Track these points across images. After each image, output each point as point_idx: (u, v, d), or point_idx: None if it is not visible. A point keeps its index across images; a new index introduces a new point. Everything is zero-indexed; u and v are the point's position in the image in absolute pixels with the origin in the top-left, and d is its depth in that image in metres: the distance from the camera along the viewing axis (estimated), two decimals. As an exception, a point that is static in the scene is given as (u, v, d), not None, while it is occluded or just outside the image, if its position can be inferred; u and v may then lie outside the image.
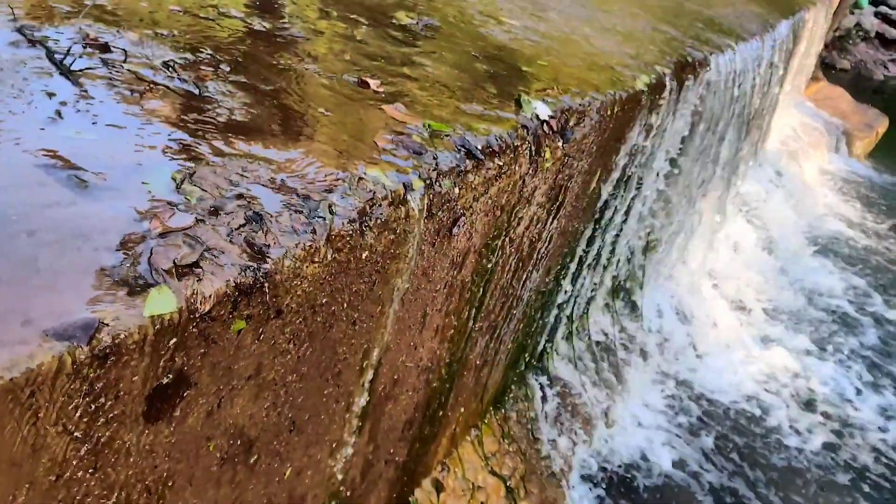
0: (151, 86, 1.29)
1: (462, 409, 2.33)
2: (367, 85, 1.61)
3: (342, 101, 1.50)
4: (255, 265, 0.96)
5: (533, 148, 1.72)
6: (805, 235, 5.43)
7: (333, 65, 1.67)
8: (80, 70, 1.24)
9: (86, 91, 1.18)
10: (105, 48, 1.36)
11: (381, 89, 1.61)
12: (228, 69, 1.46)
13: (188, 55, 1.45)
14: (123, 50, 1.37)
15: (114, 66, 1.31)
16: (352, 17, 2.03)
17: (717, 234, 4.23)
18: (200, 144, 1.16)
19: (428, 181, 1.34)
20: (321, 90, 1.52)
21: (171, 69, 1.36)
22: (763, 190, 5.18)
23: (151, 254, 0.88)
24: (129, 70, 1.32)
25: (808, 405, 3.92)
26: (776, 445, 3.61)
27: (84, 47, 1.31)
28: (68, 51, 1.27)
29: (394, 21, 2.10)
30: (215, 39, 1.58)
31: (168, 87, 1.31)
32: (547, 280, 2.45)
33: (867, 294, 5.17)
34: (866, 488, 3.46)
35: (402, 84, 1.69)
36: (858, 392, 4.15)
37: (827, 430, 3.78)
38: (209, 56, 1.48)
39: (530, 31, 2.45)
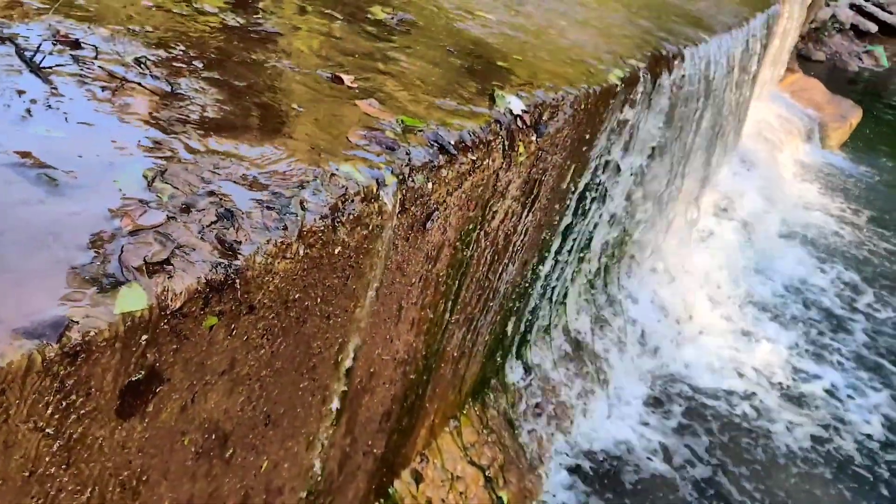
0: (123, 83, 1.29)
1: (440, 401, 2.35)
2: (340, 80, 1.62)
3: (316, 96, 1.51)
4: (226, 262, 0.97)
5: (506, 143, 1.74)
6: (778, 226, 5.51)
7: (308, 60, 1.67)
8: (51, 67, 1.24)
9: (56, 89, 1.18)
10: (76, 45, 1.36)
11: (354, 85, 1.62)
12: (202, 65, 1.46)
13: (161, 52, 1.45)
14: (95, 47, 1.37)
15: (85, 63, 1.30)
16: (327, 12, 2.04)
17: (692, 226, 4.29)
18: (172, 142, 1.16)
19: (401, 176, 1.36)
20: (295, 86, 1.52)
21: (143, 66, 1.37)
22: (737, 180, 5.24)
23: (122, 252, 0.89)
24: (100, 67, 1.32)
25: (782, 392, 4.00)
26: (751, 434, 3.67)
27: (54, 44, 1.31)
28: (38, 48, 1.27)
29: (369, 16, 2.11)
30: (189, 35, 1.58)
31: (140, 85, 1.31)
32: (524, 272, 2.48)
33: (840, 283, 5.27)
34: (836, 472, 3.54)
35: (377, 79, 1.70)
36: (834, 382, 4.23)
37: (799, 415, 3.86)
38: (182, 52, 1.49)
39: (506, 26, 2.47)
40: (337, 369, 1.46)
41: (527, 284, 2.60)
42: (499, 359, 2.83)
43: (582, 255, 3.05)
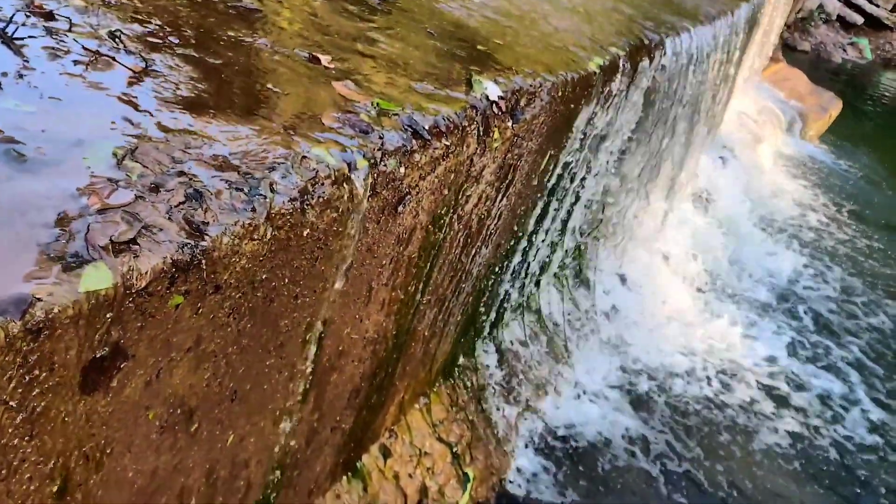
0: (96, 57, 1.29)
1: (410, 379, 2.39)
2: (318, 61, 1.62)
3: (292, 76, 1.52)
4: (192, 242, 0.99)
5: (481, 129, 1.75)
6: (754, 214, 5.59)
7: (286, 39, 1.67)
8: (23, 39, 1.23)
9: (28, 62, 1.18)
10: (50, 16, 1.35)
11: (332, 65, 1.63)
12: (178, 41, 1.46)
13: (136, 26, 1.45)
14: (69, 19, 1.36)
15: (58, 36, 1.30)
16: (307, -12, 2.02)
17: (667, 212, 4.35)
18: (144, 119, 1.17)
19: (373, 161, 1.37)
20: (271, 65, 1.53)
21: (117, 40, 1.36)
22: (715, 169, 5.30)
23: (88, 230, 0.91)
24: (74, 40, 1.31)
25: (747, 377, 4.10)
26: (716, 418, 3.77)
27: (28, 15, 1.30)
28: (11, 18, 1.26)
29: (350, -6, 2.10)
30: (165, 10, 1.57)
31: (114, 59, 1.31)
32: (497, 254, 2.51)
33: (811, 273, 5.37)
34: (801, 460, 3.66)
35: (355, 61, 1.70)
36: (798, 366, 4.35)
37: (763, 402, 3.96)
38: (158, 27, 1.48)
39: (489, 9, 2.47)
40: (305, 348, 1.48)
41: (500, 266, 2.64)
42: (471, 338, 2.87)
43: (556, 238, 3.08)
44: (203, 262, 1.00)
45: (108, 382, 0.96)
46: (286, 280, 1.25)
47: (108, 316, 0.88)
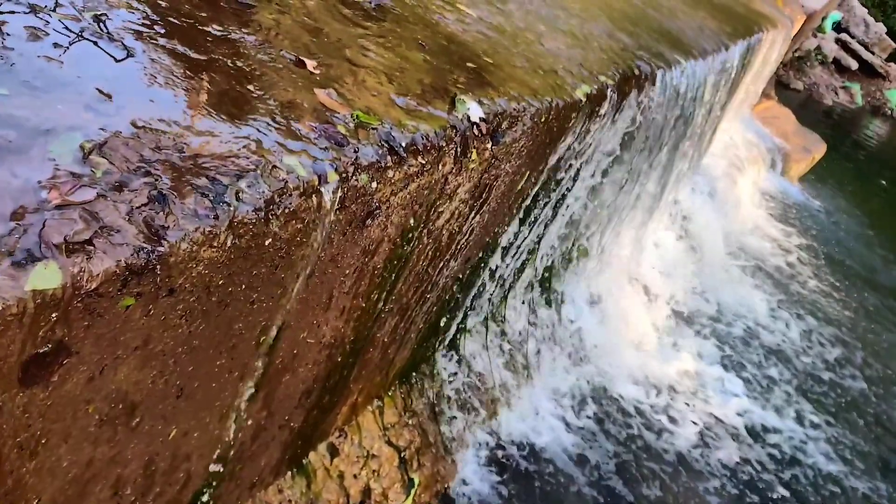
0: (77, 40, 1.28)
1: (366, 382, 2.41)
2: (303, 65, 1.63)
3: (275, 79, 1.52)
4: (149, 247, 0.99)
5: (459, 149, 1.77)
6: (729, 248, 5.68)
7: (274, 39, 1.67)
8: (3, 14, 1.23)
9: (5, 41, 1.17)
10: (35, -7, 1.34)
11: (317, 71, 1.63)
12: (163, 31, 1.46)
13: (123, 11, 1.44)
14: (54, -3, 1.35)
15: (41, 15, 1.29)
16: (304, -14, 2.02)
17: (642, 239, 4.40)
18: (118, 112, 1.17)
19: (344, 175, 1.38)
20: (256, 66, 1.53)
21: (101, 25, 1.36)
22: (694, 200, 5.37)
23: (44, 226, 0.91)
24: (58, 20, 1.31)
25: (702, 406, 4.17)
26: (667, 443, 3.83)
27: (11, -8, 1.29)
28: (-6, -8, 1.25)
29: (347, -4, 2.10)
30: (155, -5, 1.56)
31: (95, 45, 1.30)
32: (466, 268, 2.53)
33: (775, 308, 5.47)
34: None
35: (341, 67, 1.71)
36: (749, 396, 4.44)
37: (715, 431, 4.04)
38: (145, 15, 1.47)
39: (484, 24, 2.48)
40: (257, 349, 1.49)
41: (469, 279, 2.66)
42: (432, 346, 2.89)
43: (528, 255, 3.11)
44: (158, 267, 1.01)
45: (48, 377, 0.96)
46: (243, 286, 1.25)
47: (53, 315, 0.89)
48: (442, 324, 2.78)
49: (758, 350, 4.94)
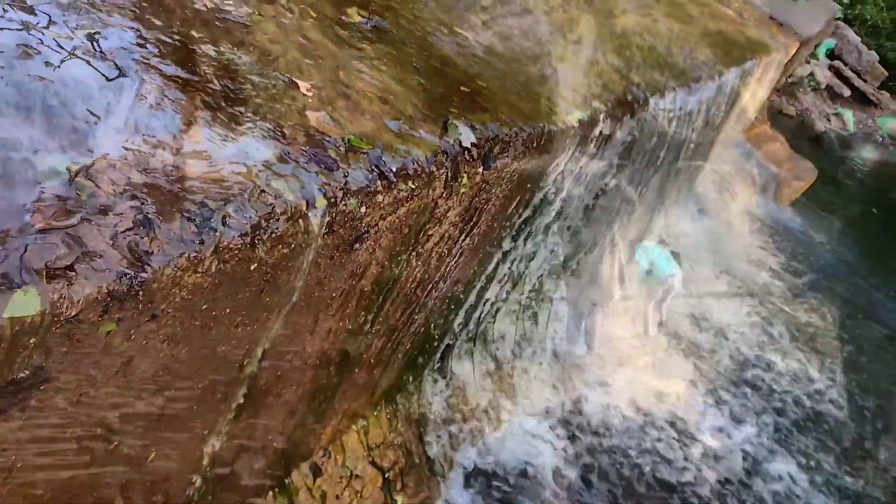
0: (69, 59, 1.28)
1: (351, 402, 2.40)
2: (297, 86, 1.63)
3: (267, 101, 1.52)
4: (132, 273, 0.99)
5: (450, 174, 1.77)
6: (718, 272, 5.70)
7: (268, 59, 1.67)
8: (-4, 33, 1.22)
9: (-4, 59, 1.17)
10: (30, 10, 1.34)
11: (310, 93, 1.63)
12: (156, 51, 1.45)
13: (117, 30, 1.44)
14: (49, 15, 1.35)
15: (32, 32, 1.29)
16: (300, 6, 2.03)
17: (631, 263, 4.41)
18: (106, 134, 1.17)
19: (333, 199, 1.38)
20: (248, 86, 1.53)
21: (94, 43, 1.35)
22: (686, 223, 5.39)
23: (26, 251, 0.90)
24: (52, 38, 1.30)
25: (685, 430, 4.16)
26: (651, 465, 3.82)
27: (5, 10, 1.29)
28: (-13, 9, 1.25)
29: (343, 18, 2.11)
30: (150, 15, 1.57)
31: (88, 64, 1.30)
32: (455, 289, 2.52)
33: (763, 334, 5.49)
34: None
35: (335, 89, 1.71)
36: (732, 422, 4.44)
37: (691, 443, 4.03)
38: (139, 34, 1.47)
39: (480, 48, 2.49)
40: (241, 372, 1.48)
41: (457, 301, 2.65)
42: (419, 366, 2.88)
43: (518, 277, 3.11)
44: (141, 293, 1.00)
45: (25, 402, 0.95)
46: (227, 310, 1.25)
47: (31, 341, 0.88)
48: (429, 344, 2.77)
49: (737, 370, 4.95)
